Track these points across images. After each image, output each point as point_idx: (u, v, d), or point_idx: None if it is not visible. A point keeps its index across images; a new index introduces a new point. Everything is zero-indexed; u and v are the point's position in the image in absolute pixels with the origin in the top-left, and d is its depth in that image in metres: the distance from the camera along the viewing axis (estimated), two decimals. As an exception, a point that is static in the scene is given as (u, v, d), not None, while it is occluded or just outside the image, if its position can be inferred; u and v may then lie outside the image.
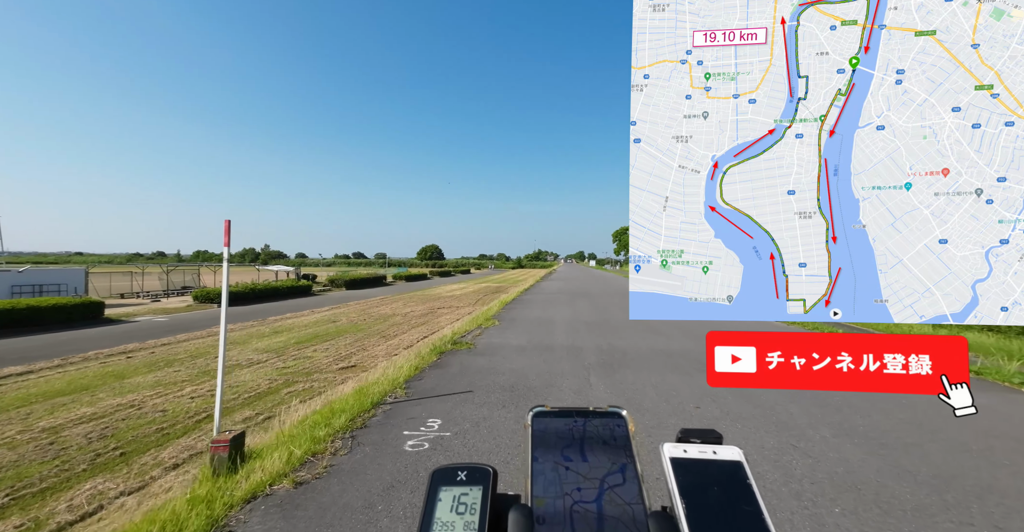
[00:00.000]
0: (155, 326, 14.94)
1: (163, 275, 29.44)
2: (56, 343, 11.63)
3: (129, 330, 14.10)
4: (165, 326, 14.87)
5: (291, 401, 6.24)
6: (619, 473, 0.50)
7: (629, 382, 6.68)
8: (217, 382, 4.05)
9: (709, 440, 0.54)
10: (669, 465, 0.50)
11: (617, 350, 9.03)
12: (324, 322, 15.13)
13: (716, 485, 0.48)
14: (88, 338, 12.49)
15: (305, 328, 13.81)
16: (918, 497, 3.33)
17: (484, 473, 0.51)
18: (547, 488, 0.49)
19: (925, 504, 3.24)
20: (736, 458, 0.51)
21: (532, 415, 0.56)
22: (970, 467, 3.85)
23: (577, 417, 0.56)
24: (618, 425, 0.55)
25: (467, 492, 0.49)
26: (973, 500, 3.30)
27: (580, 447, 0.53)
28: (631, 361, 8.05)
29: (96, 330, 14.11)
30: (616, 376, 7.02)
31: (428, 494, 0.49)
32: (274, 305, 21.61)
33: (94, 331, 13.91)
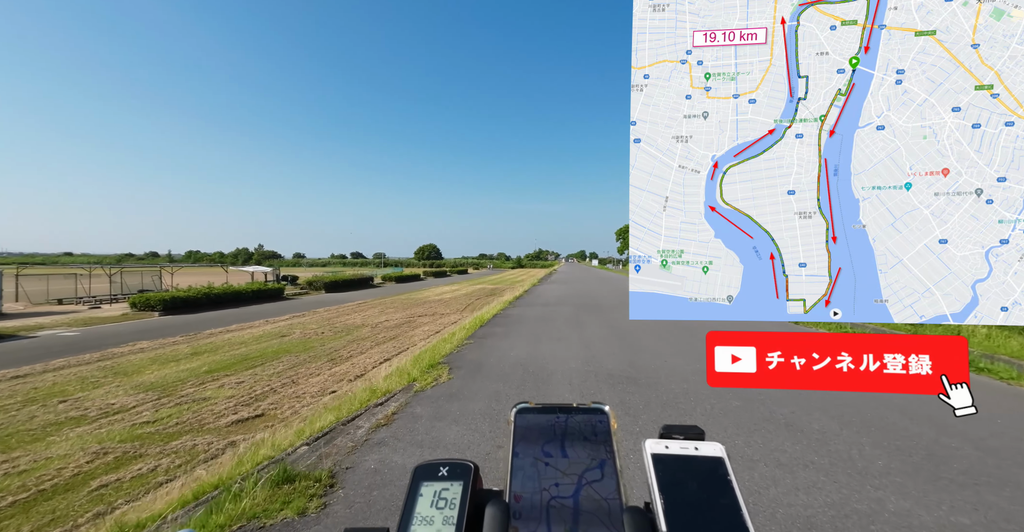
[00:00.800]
0: (49, 344, 11.89)
1: (128, 276, 26.19)
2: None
3: (6, 350, 11.03)
4: (62, 344, 11.86)
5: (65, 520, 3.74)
6: (598, 469, 0.50)
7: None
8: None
9: (691, 436, 0.55)
10: (650, 461, 0.51)
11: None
12: (270, 337, 12.53)
13: (696, 481, 0.48)
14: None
15: (239, 346, 11.16)
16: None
17: (465, 468, 0.52)
18: (526, 483, 0.49)
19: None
20: (717, 454, 0.51)
21: (515, 411, 0.57)
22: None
23: (560, 413, 0.56)
24: (600, 421, 0.55)
25: (448, 487, 0.50)
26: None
27: (561, 443, 0.53)
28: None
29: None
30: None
31: (409, 489, 0.50)
32: (230, 313, 18.54)
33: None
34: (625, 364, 7.30)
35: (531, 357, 7.87)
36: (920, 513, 3.00)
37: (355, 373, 8.52)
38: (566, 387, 6.15)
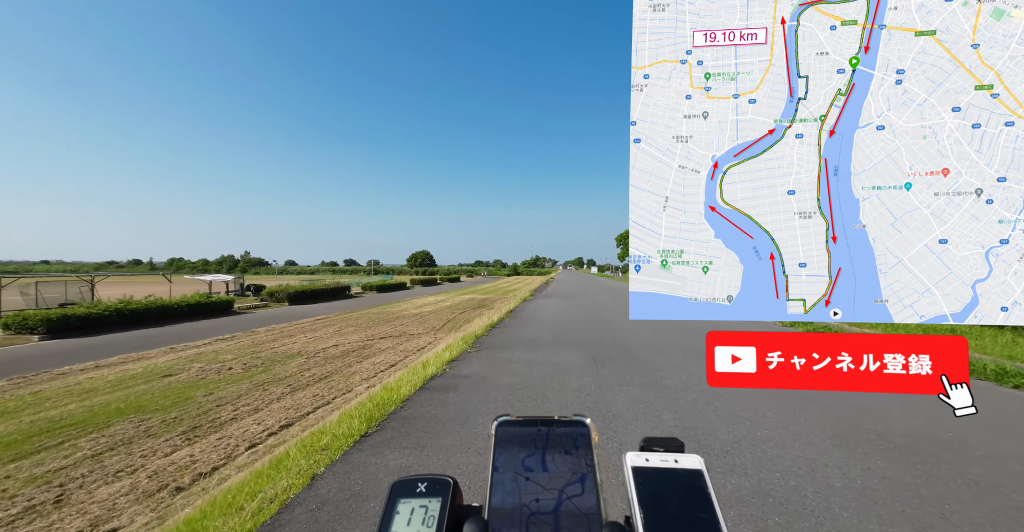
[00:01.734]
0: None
1: (51, 287, 19.19)
2: None
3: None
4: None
5: None
6: (578, 483, 0.50)
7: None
8: None
9: (671, 448, 0.55)
10: (631, 474, 0.51)
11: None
12: (144, 379, 8.64)
13: (675, 494, 0.48)
14: None
15: (71, 400, 7.39)
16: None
17: (444, 484, 0.50)
18: (506, 498, 0.49)
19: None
20: (696, 466, 0.51)
21: (497, 424, 0.56)
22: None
23: (541, 426, 0.55)
24: (581, 434, 0.54)
25: (426, 504, 0.48)
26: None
27: (542, 456, 0.53)
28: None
29: None
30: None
31: (386, 507, 0.49)
32: (140, 335, 14.49)
33: None
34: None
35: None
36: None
37: (192, 471, 4.73)
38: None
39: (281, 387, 7.91)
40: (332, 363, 9.66)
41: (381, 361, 9.63)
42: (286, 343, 12.27)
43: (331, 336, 13.40)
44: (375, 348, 11.09)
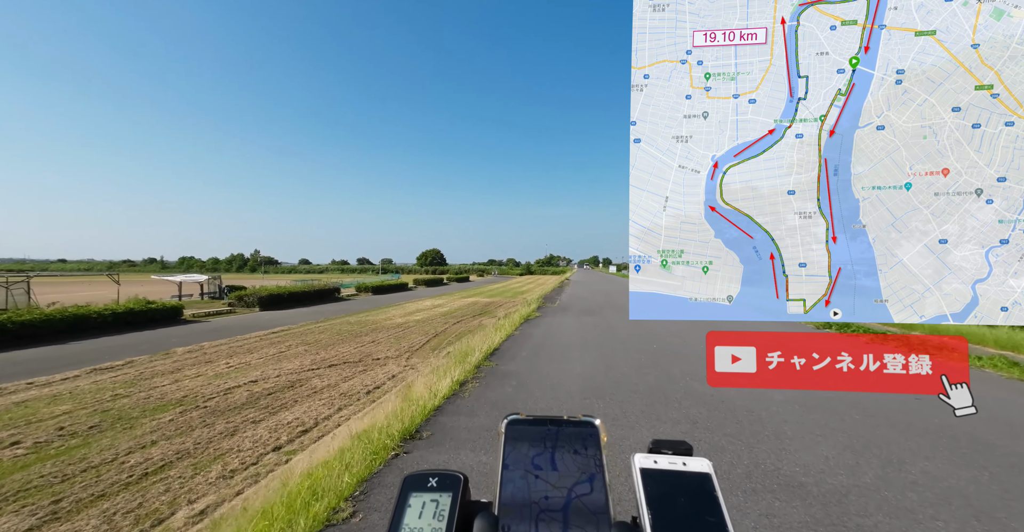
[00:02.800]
0: None
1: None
2: None
3: None
4: None
5: None
6: (587, 483, 0.50)
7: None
8: None
9: (680, 451, 0.55)
10: (639, 476, 0.51)
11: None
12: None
13: (683, 496, 0.48)
14: None
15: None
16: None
17: (454, 480, 0.51)
18: (515, 495, 0.49)
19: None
20: (704, 470, 0.51)
21: (506, 423, 0.56)
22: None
23: (550, 425, 0.56)
24: (590, 434, 0.55)
25: (437, 498, 0.49)
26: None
27: (551, 455, 0.53)
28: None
29: None
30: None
31: (398, 500, 0.49)
32: (8, 358, 10.45)
33: None
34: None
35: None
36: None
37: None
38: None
39: (26, 512, 3.63)
40: (211, 426, 5.77)
41: (294, 420, 5.93)
42: (187, 377, 8.45)
43: (264, 363, 9.62)
44: (306, 388, 7.48)
